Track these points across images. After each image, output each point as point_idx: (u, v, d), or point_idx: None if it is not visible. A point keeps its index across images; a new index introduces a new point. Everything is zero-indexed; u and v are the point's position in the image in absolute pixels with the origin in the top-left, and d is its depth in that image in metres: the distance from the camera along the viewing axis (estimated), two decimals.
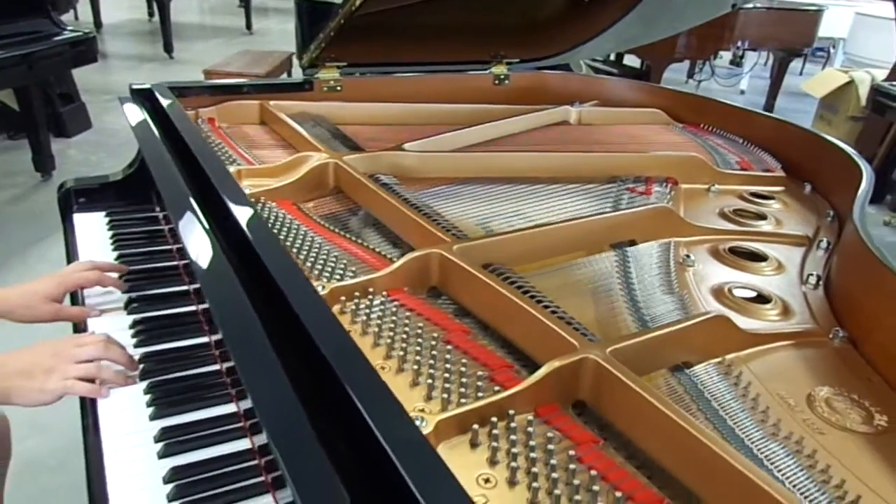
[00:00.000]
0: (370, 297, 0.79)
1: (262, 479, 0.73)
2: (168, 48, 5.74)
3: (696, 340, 0.75)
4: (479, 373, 0.68)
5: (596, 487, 0.55)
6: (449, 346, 0.73)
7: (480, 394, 0.65)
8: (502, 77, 1.80)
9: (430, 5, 1.56)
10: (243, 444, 0.77)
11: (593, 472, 0.56)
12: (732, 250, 1.04)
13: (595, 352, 0.66)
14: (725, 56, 6.43)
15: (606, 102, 1.76)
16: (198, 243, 0.85)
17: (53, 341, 0.88)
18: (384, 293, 0.81)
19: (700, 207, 1.24)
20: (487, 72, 1.78)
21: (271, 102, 1.44)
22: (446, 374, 0.67)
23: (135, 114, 1.27)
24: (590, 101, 1.74)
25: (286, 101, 1.47)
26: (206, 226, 0.88)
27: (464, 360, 0.70)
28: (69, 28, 2.94)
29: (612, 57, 5.23)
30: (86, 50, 2.96)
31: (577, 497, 0.54)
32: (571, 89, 1.82)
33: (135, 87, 1.35)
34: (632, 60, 5.32)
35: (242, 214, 0.85)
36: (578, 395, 0.67)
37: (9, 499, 1.14)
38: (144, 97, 1.33)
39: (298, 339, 0.64)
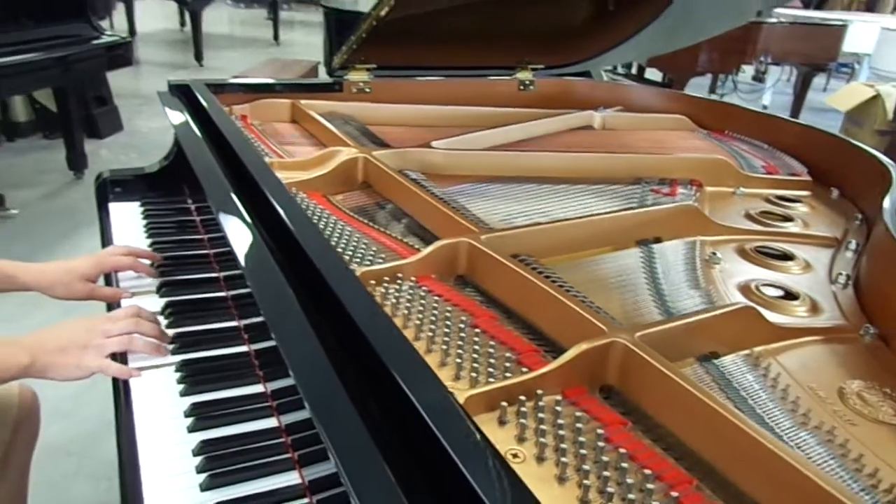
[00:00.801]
0: (399, 281, 0.81)
1: (288, 455, 0.74)
2: (199, 56, 5.86)
3: (724, 331, 0.75)
4: (507, 355, 0.69)
5: (625, 465, 0.55)
6: (476, 330, 0.73)
7: (508, 374, 0.66)
8: (527, 83, 1.81)
9: (457, 11, 1.58)
10: (271, 423, 0.79)
11: (622, 451, 0.57)
12: (759, 250, 1.04)
13: (624, 336, 0.66)
14: (748, 71, 6.41)
15: (631, 109, 1.76)
16: (237, 229, 0.87)
17: (87, 318, 0.90)
18: (412, 279, 0.82)
19: (725, 209, 1.24)
20: (513, 77, 1.80)
21: (302, 101, 1.47)
22: (474, 355, 0.68)
23: (173, 107, 1.30)
24: (614, 107, 1.75)
25: (316, 100, 1.49)
26: (245, 213, 0.90)
27: (491, 343, 0.71)
28: (107, 33, 3.02)
29: (634, 70, 5.23)
30: (122, 54, 3.03)
31: (606, 473, 0.54)
32: (596, 96, 1.83)
33: (173, 82, 1.38)
34: (653, 74, 5.32)
35: (280, 200, 0.87)
36: (606, 379, 0.67)
37: (31, 483, 1.16)
38: (182, 92, 1.37)
39: (336, 317, 0.65)
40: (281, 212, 0.84)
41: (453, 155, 1.23)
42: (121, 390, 0.86)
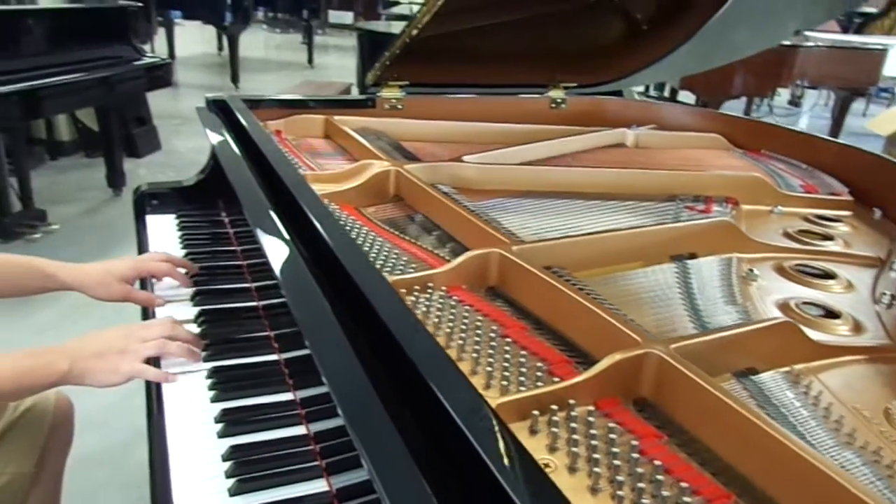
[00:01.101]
0: (429, 291, 0.80)
1: (316, 463, 0.73)
2: (235, 79, 6.01)
3: (763, 346, 0.73)
4: (538, 364, 0.68)
5: (660, 477, 0.53)
6: (507, 340, 0.72)
7: (539, 384, 0.65)
8: (559, 101, 1.82)
9: (490, 30, 1.60)
10: (300, 430, 0.79)
11: (657, 463, 0.55)
12: (799, 268, 1.02)
13: (658, 347, 0.65)
14: (784, 94, 6.33)
15: (664, 127, 1.75)
16: (272, 239, 0.87)
17: (124, 325, 0.92)
18: (443, 288, 0.81)
19: (762, 227, 1.21)
20: (544, 95, 1.81)
21: (335, 117, 1.49)
22: (505, 364, 0.67)
23: (211, 121, 1.32)
24: (647, 126, 1.74)
25: (349, 116, 1.51)
26: (281, 224, 0.90)
27: (522, 353, 0.70)
28: (147, 55, 3.12)
29: (667, 93, 5.21)
30: (161, 75, 3.13)
31: (641, 485, 0.52)
32: (629, 115, 1.82)
33: (210, 97, 1.41)
34: (686, 97, 5.28)
35: (315, 211, 0.87)
36: (640, 392, 0.65)
37: (64, 492, 1.17)
38: (219, 108, 1.40)
39: (372, 328, 0.65)
40: (315, 222, 0.84)
41: (485, 169, 1.23)
42: (153, 395, 0.87)
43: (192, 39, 8.54)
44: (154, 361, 0.89)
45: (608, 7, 1.70)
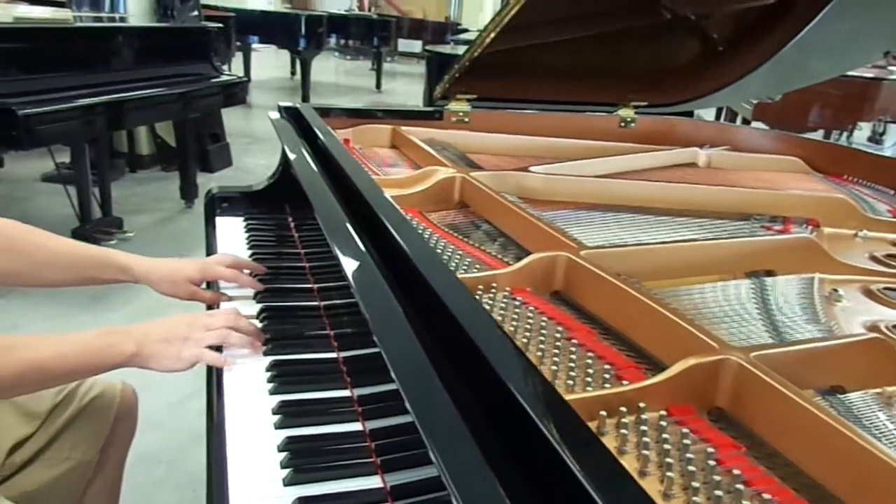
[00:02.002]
0: (493, 291, 0.78)
1: (371, 460, 0.72)
2: (305, 100, 6.21)
3: (851, 363, 0.67)
4: (606, 367, 0.65)
5: (740, 487, 0.49)
6: (573, 341, 0.70)
7: (607, 385, 0.62)
8: (629, 120, 1.78)
9: (561, 47, 1.59)
10: (356, 427, 0.77)
11: (736, 472, 0.51)
12: (890, 289, 0.95)
13: (738, 354, 0.61)
14: (864, 129, 6.06)
15: (739, 150, 1.69)
16: (346, 243, 0.85)
17: (188, 314, 0.93)
18: (507, 289, 0.79)
19: (846, 252, 1.14)
20: (613, 114, 1.78)
21: (402, 127, 1.51)
22: (570, 365, 0.65)
23: (283, 127, 1.35)
24: (721, 147, 1.68)
25: (417, 127, 1.52)
26: (354, 227, 0.89)
27: (589, 355, 0.67)
28: (225, 73, 3.26)
29: (738, 123, 5.06)
30: (237, 92, 3.25)
31: (718, 493, 0.49)
32: (702, 136, 1.77)
33: (283, 105, 1.45)
34: (759, 128, 5.12)
35: (389, 215, 0.85)
36: (715, 401, 0.61)
37: (122, 485, 1.19)
38: (291, 114, 1.43)
39: (444, 325, 0.62)
40: (389, 225, 0.82)
41: (552, 180, 1.21)
42: (214, 382, 0.87)
43: (267, 64, 8.90)
44: (216, 349, 0.90)
45: (685, 26, 1.67)
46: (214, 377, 0.88)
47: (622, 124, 1.77)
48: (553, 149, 1.56)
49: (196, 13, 3.63)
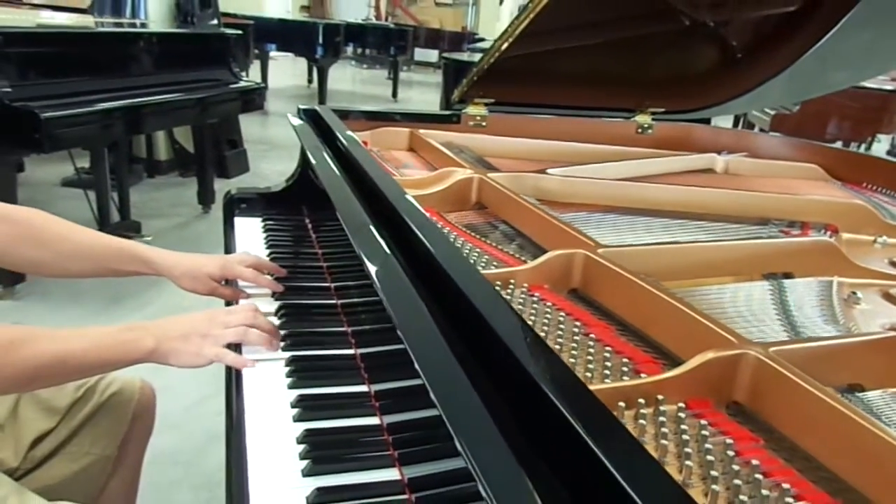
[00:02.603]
0: (511, 287, 0.79)
1: (388, 453, 0.72)
2: None
3: (870, 361, 0.67)
4: (624, 361, 0.65)
5: (759, 476, 0.49)
6: (591, 336, 0.70)
7: (625, 378, 0.62)
8: (646, 126, 1.78)
9: (578, 53, 1.59)
10: (373, 421, 0.78)
11: (755, 462, 0.51)
12: None
13: (756, 349, 0.61)
14: (884, 141, 6.00)
15: (757, 156, 1.69)
16: (368, 240, 0.85)
17: (207, 310, 0.94)
18: (525, 285, 0.80)
19: (865, 257, 1.13)
20: (631, 120, 1.78)
21: (420, 130, 1.52)
22: (588, 358, 0.65)
23: (302, 129, 1.37)
24: (739, 153, 1.68)
25: (434, 130, 1.54)
26: (375, 226, 0.89)
27: (606, 349, 0.67)
28: (244, 79, 3.30)
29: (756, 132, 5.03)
30: (254, 98, 3.29)
31: (737, 482, 0.49)
32: (720, 143, 1.76)
33: (302, 107, 1.47)
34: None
35: (409, 213, 0.85)
36: (733, 395, 0.61)
37: (140, 483, 1.20)
38: (310, 116, 1.45)
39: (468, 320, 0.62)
40: (411, 223, 0.81)
41: (569, 182, 1.22)
42: (233, 379, 0.88)
43: (285, 72, 8.99)
44: (235, 347, 0.91)
45: (703, 33, 1.67)
46: (233, 372, 0.89)
47: (639, 130, 1.77)
48: (570, 153, 1.56)
49: (215, 21, 3.69)
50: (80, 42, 2.52)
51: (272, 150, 5.04)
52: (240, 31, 3.41)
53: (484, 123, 1.60)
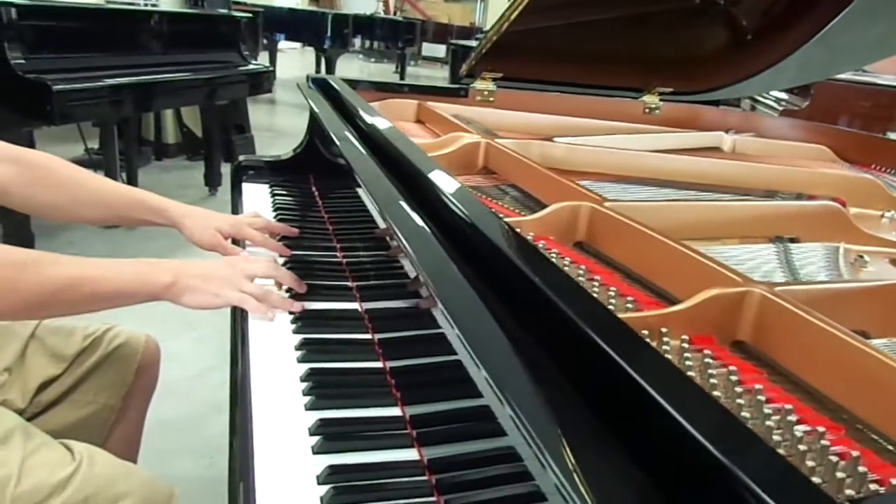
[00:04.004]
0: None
1: (406, 432, 0.69)
2: None
3: (876, 308, 0.67)
4: (628, 299, 0.65)
5: (761, 398, 0.49)
6: (595, 278, 0.70)
7: (629, 313, 0.62)
8: (653, 107, 1.78)
9: (587, 30, 1.59)
10: (389, 404, 0.73)
11: (758, 386, 0.51)
12: None
13: (762, 287, 0.61)
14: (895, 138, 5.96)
15: (764, 137, 1.68)
16: (393, 204, 0.82)
17: (228, 257, 0.94)
18: (530, 234, 0.80)
19: (872, 230, 1.13)
20: (638, 99, 1.78)
21: (428, 103, 1.52)
22: (593, 296, 0.65)
23: (313, 96, 1.37)
24: (747, 133, 1.68)
25: (442, 103, 1.54)
26: (394, 185, 0.87)
27: (611, 290, 0.68)
28: (252, 62, 3.31)
29: None
30: (263, 82, 3.30)
31: (740, 402, 0.49)
32: (727, 124, 1.76)
33: (312, 75, 1.47)
34: None
35: (428, 169, 0.85)
36: (737, 334, 0.61)
37: (142, 446, 1.21)
38: (319, 85, 1.45)
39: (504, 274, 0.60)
40: (429, 177, 0.81)
41: (575, 149, 1.22)
42: (239, 339, 0.85)
43: (293, 64, 8.99)
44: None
45: (714, 12, 1.67)
46: (240, 332, 0.86)
47: (646, 110, 1.77)
48: (577, 128, 1.56)
49: (226, 10, 3.70)
50: (94, 18, 2.53)
51: (279, 137, 5.05)
52: (250, 15, 3.42)
53: (491, 98, 1.60)
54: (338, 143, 1.06)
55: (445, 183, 0.79)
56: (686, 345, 0.57)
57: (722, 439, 0.34)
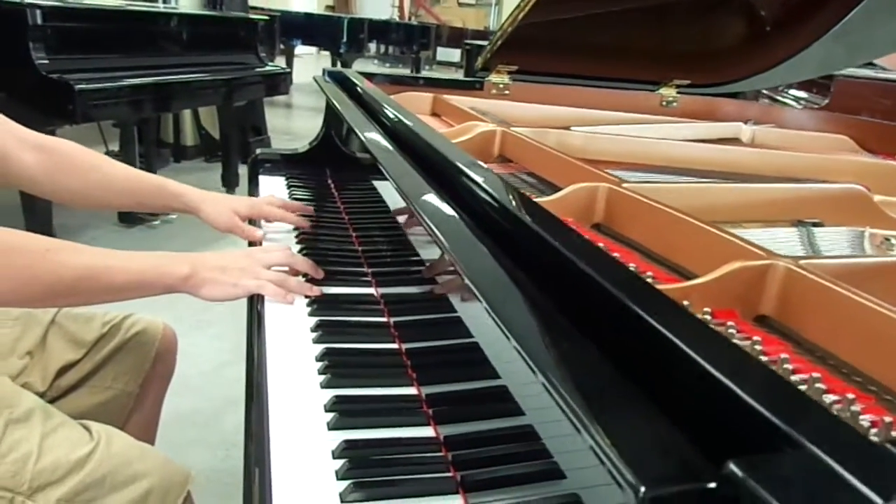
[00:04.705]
0: None
1: (422, 410, 0.68)
2: None
3: None
4: (648, 274, 0.64)
5: (788, 367, 0.48)
6: (615, 255, 0.69)
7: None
8: (670, 100, 1.77)
9: (603, 22, 1.58)
10: (405, 385, 0.72)
11: (784, 355, 0.50)
12: None
13: (786, 261, 0.60)
14: None
15: (785, 128, 1.66)
16: (432, 206, 0.77)
17: (243, 248, 0.94)
18: None
19: None
20: (655, 92, 1.76)
21: (443, 96, 1.52)
22: None
23: (329, 89, 1.38)
24: (766, 125, 1.65)
25: (458, 96, 1.53)
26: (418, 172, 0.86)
27: (630, 265, 0.66)
28: (269, 64, 3.34)
29: None
30: (279, 83, 3.32)
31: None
32: (746, 116, 1.74)
33: (328, 69, 1.48)
34: None
35: (451, 154, 0.84)
36: (760, 309, 0.60)
37: (158, 438, 1.21)
38: (335, 78, 1.46)
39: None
40: (453, 160, 0.80)
41: (593, 138, 1.21)
42: (255, 325, 0.84)
43: (309, 69, 9.06)
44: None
45: (732, 4, 1.65)
46: (255, 324, 0.86)
47: (663, 103, 1.75)
48: (593, 120, 1.55)
49: (244, 13, 3.74)
50: (115, 19, 2.57)
51: (295, 140, 5.08)
52: (267, 18, 3.45)
53: (507, 91, 1.59)
54: (356, 131, 1.07)
55: (470, 166, 0.78)
56: (708, 317, 0.56)
57: (774, 401, 0.32)
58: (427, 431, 0.65)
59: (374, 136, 1.02)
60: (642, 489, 0.26)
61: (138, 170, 1.02)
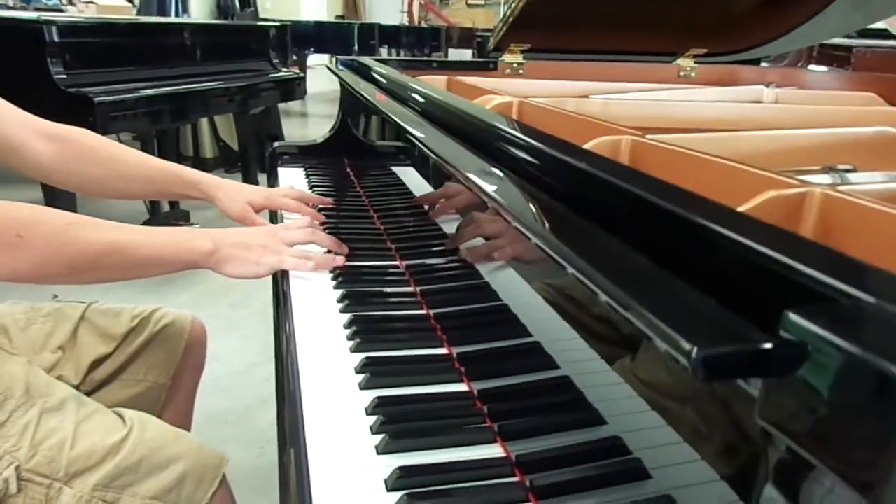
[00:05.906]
0: None
1: (455, 367, 0.67)
2: None
3: None
4: None
5: None
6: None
7: None
8: (688, 69, 1.74)
9: None
10: (438, 350, 0.71)
11: None
12: None
13: (822, 187, 0.57)
14: None
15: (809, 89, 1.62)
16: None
17: (265, 226, 0.94)
18: None
19: None
20: (673, 63, 1.73)
21: (458, 77, 1.51)
22: None
23: (348, 75, 1.38)
24: (788, 87, 1.62)
25: (472, 77, 1.52)
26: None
27: None
28: (283, 70, 3.36)
29: None
30: (293, 88, 3.35)
31: None
32: (767, 80, 1.70)
33: (341, 58, 1.48)
34: None
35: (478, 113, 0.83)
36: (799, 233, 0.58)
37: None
38: (348, 66, 1.46)
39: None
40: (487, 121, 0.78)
41: (612, 104, 1.19)
42: (281, 304, 0.83)
43: (322, 80, 9.12)
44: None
45: None
46: (282, 300, 0.85)
47: (681, 74, 1.72)
48: (611, 91, 1.52)
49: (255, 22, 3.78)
50: (131, 33, 2.61)
51: None
52: (279, 24, 3.48)
53: (521, 71, 1.58)
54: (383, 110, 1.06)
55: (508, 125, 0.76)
56: None
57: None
58: (460, 387, 0.63)
59: (403, 111, 1.01)
60: (694, 350, 0.25)
61: (156, 158, 1.03)
